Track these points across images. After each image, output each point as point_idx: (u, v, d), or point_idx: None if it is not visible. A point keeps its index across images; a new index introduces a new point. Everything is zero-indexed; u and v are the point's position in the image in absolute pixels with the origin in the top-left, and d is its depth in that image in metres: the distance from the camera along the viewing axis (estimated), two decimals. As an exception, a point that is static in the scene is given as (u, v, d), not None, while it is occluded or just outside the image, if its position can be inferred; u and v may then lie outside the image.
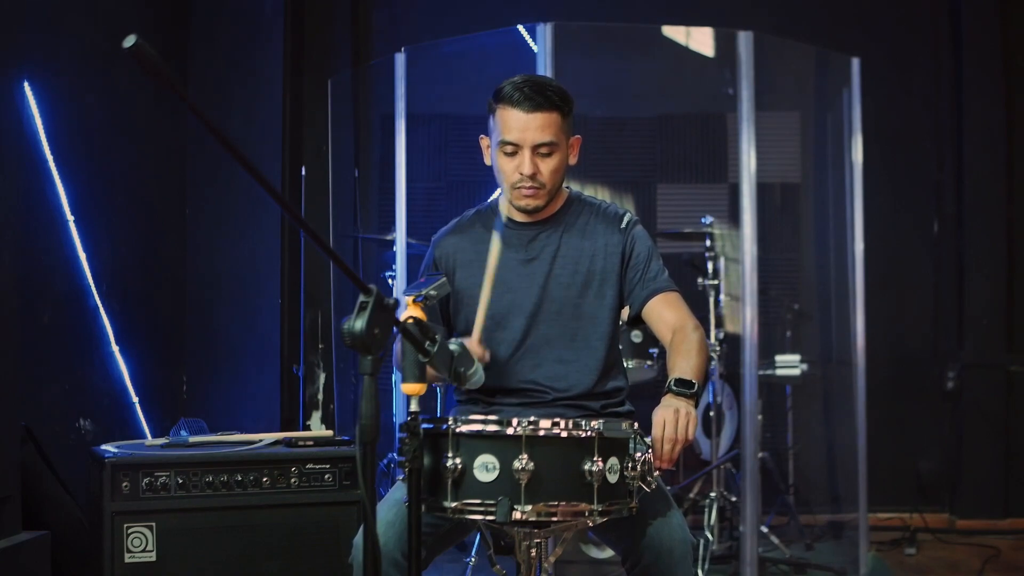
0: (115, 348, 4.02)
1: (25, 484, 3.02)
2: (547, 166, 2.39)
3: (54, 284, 3.71)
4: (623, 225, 2.49)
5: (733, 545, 4.39)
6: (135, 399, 4.12)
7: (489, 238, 2.51)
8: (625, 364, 4.34)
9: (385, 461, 4.46)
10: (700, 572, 4.04)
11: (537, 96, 2.35)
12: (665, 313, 2.43)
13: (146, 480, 2.63)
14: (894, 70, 5.66)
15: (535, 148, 2.37)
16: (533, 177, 2.38)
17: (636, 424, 2.03)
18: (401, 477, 1.85)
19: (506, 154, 2.40)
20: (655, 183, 5.65)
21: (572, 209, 2.53)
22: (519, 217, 2.50)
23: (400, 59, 4.32)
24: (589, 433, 1.91)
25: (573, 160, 2.47)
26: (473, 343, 2.28)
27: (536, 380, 2.43)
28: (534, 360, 2.44)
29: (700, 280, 4.62)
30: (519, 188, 2.40)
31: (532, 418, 1.91)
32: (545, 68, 4.01)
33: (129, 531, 2.61)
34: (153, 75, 1.37)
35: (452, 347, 1.96)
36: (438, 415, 3.06)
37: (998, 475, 5.43)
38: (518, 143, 2.37)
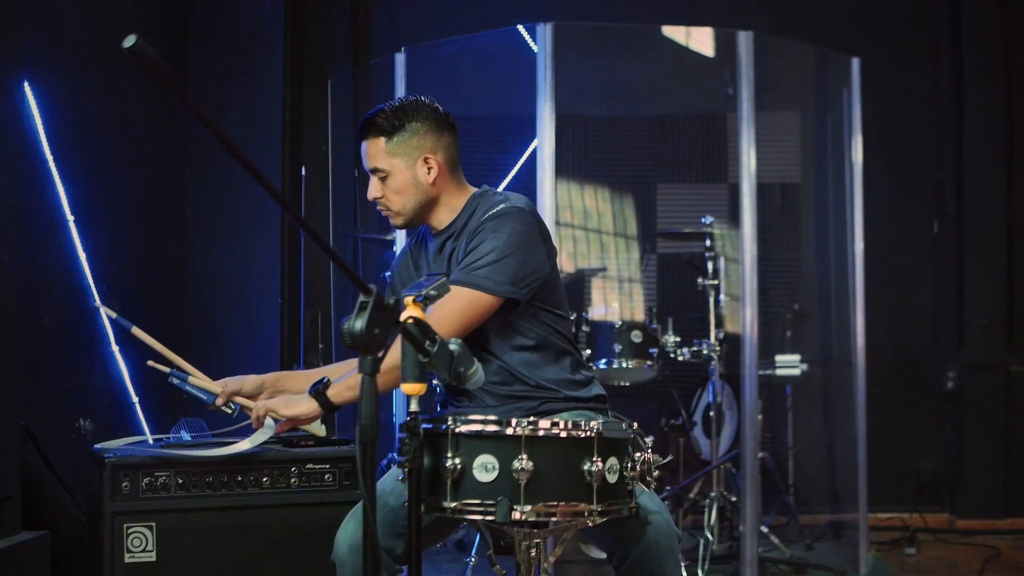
0: (115, 348, 4.02)
1: (25, 484, 3.02)
2: (387, 189, 2.47)
3: (54, 284, 3.71)
4: (485, 215, 2.40)
5: (733, 545, 4.40)
6: (135, 399, 4.12)
7: None
8: (625, 364, 4.36)
9: (385, 461, 4.46)
10: (700, 572, 4.04)
11: (365, 123, 2.45)
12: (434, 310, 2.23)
13: (146, 480, 2.63)
14: (894, 70, 5.66)
15: (373, 173, 2.46)
16: (378, 201, 2.48)
17: (636, 424, 2.04)
18: (401, 478, 1.85)
19: None
20: (655, 183, 5.65)
21: (467, 212, 2.49)
22: (432, 228, 2.54)
23: (400, 59, 4.32)
24: (589, 433, 1.91)
25: (430, 176, 2.44)
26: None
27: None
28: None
29: (700, 280, 4.61)
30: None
31: (531, 418, 1.92)
32: (545, 68, 4.01)
33: (129, 531, 2.60)
34: (153, 75, 1.37)
35: (452, 347, 1.96)
36: (438, 415, 3.06)
37: (998, 475, 5.43)
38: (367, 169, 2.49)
